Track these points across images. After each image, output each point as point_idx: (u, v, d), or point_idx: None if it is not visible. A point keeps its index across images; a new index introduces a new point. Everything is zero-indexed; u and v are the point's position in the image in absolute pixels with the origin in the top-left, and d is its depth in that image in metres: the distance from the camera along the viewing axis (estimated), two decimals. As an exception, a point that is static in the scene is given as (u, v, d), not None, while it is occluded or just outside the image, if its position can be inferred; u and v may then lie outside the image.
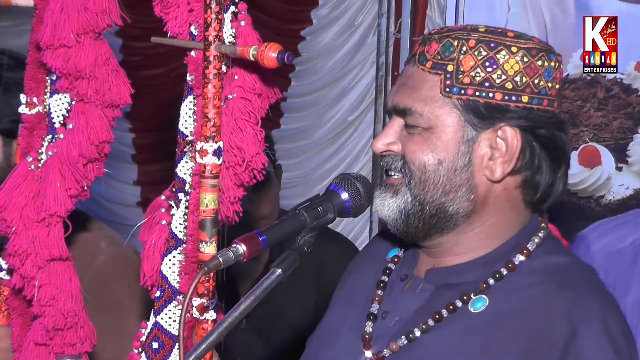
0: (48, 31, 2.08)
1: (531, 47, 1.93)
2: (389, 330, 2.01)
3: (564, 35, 5.02)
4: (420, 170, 1.95)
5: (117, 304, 2.76)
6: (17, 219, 2.19)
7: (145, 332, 2.15)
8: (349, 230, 5.91)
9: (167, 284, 2.11)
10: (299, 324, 3.81)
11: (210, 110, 1.98)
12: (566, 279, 1.93)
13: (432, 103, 1.94)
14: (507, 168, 1.94)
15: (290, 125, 6.39)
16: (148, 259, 2.15)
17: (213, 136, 1.98)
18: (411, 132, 1.97)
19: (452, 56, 1.93)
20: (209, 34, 1.97)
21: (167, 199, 2.16)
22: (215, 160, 1.99)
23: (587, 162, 5.00)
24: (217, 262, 1.78)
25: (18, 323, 2.39)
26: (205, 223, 2.00)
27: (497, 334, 1.89)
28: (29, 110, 2.31)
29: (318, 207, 1.93)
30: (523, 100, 1.92)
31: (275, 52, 1.90)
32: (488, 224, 1.98)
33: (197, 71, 2.03)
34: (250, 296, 1.81)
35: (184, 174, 2.11)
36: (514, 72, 1.91)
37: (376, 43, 5.93)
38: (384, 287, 2.09)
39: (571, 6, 5.01)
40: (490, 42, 1.92)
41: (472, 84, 1.92)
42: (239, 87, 2.00)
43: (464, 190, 1.95)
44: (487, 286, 1.95)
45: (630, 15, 4.69)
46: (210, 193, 2.00)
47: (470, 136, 1.94)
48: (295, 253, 1.88)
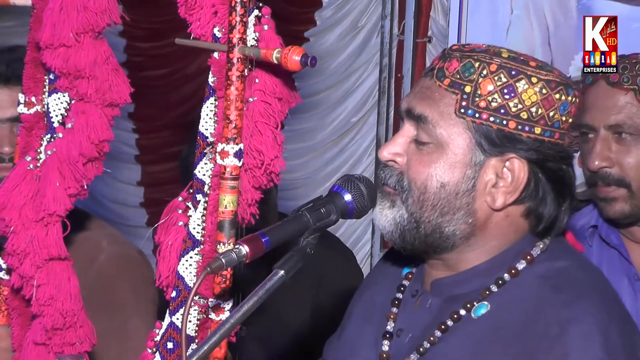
0: (47, 31, 2.09)
1: (551, 79, 1.91)
2: (404, 348, 2.00)
3: (566, 38, 5.02)
4: (420, 190, 1.94)
5: (118, 303, 2.77)
6: (15, 218, 2.20)
7: (160, 332, 2.16)
8: (351, 233, 5.91)
9: (183, 285, 2.12)
10: (299, 331, 3.81)
11: (232, 112, 1.99)
12: (563, 282, 1.92)
13: (446, 120, 1.92)
14: (509, 199, 1.93)
15: (293, 126, 6.39)
16: (164, 259, 2.15)
17: (234, 138, 1.99)
18: (421, 148, 1.95)
19: (472, 77, 1.91)
20: (233, 37, 1.98)
21: (185, 200, 2.16)
22: (236, 162, 2.00)
23: (588, 164, 5.00)
24: (220, 263, 1.78)
25: (18, 323, 2.39)
26: (224, 224, 2.01)
27: (492, 338, 1.89)
28: (27, 109, 2.30)
29: (321, 209, 1.92)
30: (536, 131, 1.90)
31: (299, 55, 1.91)
32: (489, 246, 1.97)
33: (220, 73, 2.04)
34: (252, 297, 1.81)
35: (203, 175, 2.12)
36: (531, 103, 1.89)
37: (380, 45, 5.93)
38: (398, 304, 2.08)
39: (574, 9, 5.01)
40: (512, 70, 1.90)
41: (487, 109, 1.90)
42: (260, 90, 2.01)
43: (462, 214, 1.93)
44: (489, 293, 1.95)
45: (633, 19, 4.69)
46: (229, 194, 2.01)
47: (478, 160, 1.92)
48: (298, 254, 1.87)
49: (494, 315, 1.92)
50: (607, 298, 1.95)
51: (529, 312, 1.89)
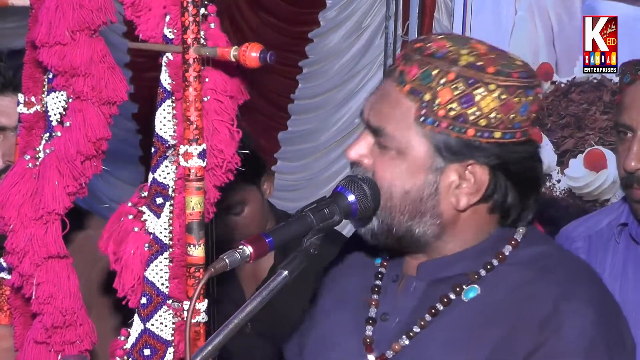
0: (43, 29, 2.08)
1: (510, 84, 1.91)
2: (390, 332, 2.02)
3: (571, 39, 5.01)
4: (386, 197, 1.97)
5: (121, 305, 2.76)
6: (14, 216, 2.19)
7: (131, 341, 2.14)
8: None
9: (154, 290, 2.10)
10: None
11: (192, 113, 1.97)
12: (550, 264, 1.97)
13: (404, 128, 1.94)
14: (472, 199, 1.96)
15: (297, 127, 6.39)
16: (128, 268, 2.12)
17: (196, 139, 1.98)
18: (383, 152, 1.98)
19: (431, 85, 1.92)
20: (187, 37, 1.96)
21: (135, 205, 2.14)
22: (200, 163, 1.98)
23: (592, 165, 5.00)
24: (224, 264, 1.78)
25: (20, 322, 2.39)
26: (192, 226, 1.99)
27: (484, 319, 1.93)
28: (27, 109, 2.30)
29: (324, 209, 1.93)
30: (495, 136, 1.92)
31: (257, 51, 1.88)
32: (462, 238, 2.01)
33: (176, 75, 2.02)
34: (256, 298, 1.82)
35: (164, 179, 2.09)
36: (490, 110, 1.91)
37: (384, 45, 5.93)
38: (378, 291, 2.10)
39: (578, 9, 5.00)
40: (469, 79, 1.91)
41: (446, 117, 1.91)
42: (212, 89, 2.00)
43: (428, 217, 1.97)
44: (478, 277, 1.98)
45: (638, 19, 4.68)
46: (196, 196, 1.99)
47: (439, 166, 1.94)
48: (302, 255, 1.88)
49: (485, 298, 1.96)
50: (594, 278, 2.01)
51: (519, 292, 1.93)
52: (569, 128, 5.07)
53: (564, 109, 5.09)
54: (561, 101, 5.10)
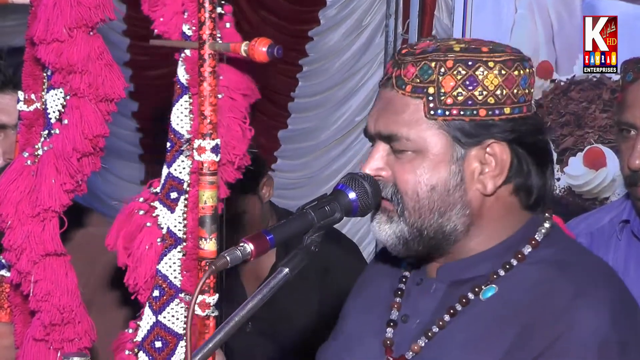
0: (41, 26, 2.09)
1: (506, 59, 1.95)
2: (410, 334, 2.03)
3: (571, 37, 5.02)
4: (414, 200, 1.97)
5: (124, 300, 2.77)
6: (12, 213, 2.20)
7: (142, 333, 2.15)
8: (355, 231, 5.91)
9: (167, 283, 2.12)
10: (304, 325, 3.82)
11: (206, 108, 2.00)
12: (568, 262, 1.97)
13: (417, 126, 1.95)
14: (498, 181, 1.97)
15: (297, 125, 6.40)
16: (143, 262, 2.14)
17: (210, 133, 2.00)
18: (400, 156, 1.98)
19: (432, 78, 1.93)
20: (203, 33, 1.99)
21: (147, 201, 2.16)
22: (213, 157, 2.00)
23: (592, 163, 5.00)
24: (225, 261, 1.79)
25: (20, 320, 2.40)
26: (205, 220, 2.01)
27: (500, 317, 1.93)
28: (27, 107, 2.31)
29: (325, 207, 1.93)
30: (505, 112, 1.94)
31: (265, 46, 1.91)
32: (487, 232, 2.01)
33: (193, 70, 2.05)
34: (257, 295, 1.82)
35: (179, 173, 2.12)
36: (494, 87, 1.93)
37: (384, 44, 5.93)
38: (401, 294, 2.10)
39: (578, 8, 5.00)
40: (468, 61, 1.93)
41: (455, 104, 1.93)
42: (225, 86, 2.02)
43: (458, 208, 1.97)
44: (497, 276, 1.98)
45: (638, 18, 4.68)
46: (208, 190, 2.01)
47: (460, 155, 1.95)
48: (302, 252, 1.88)
49: (502, 297, 1.96)
50: (613, 278, 2.00)
51: (536, 290, 1.93)
52: (568, 126, 5.08)
53: (564, 107, 5.09)
54: (561, 99, 5.10)
